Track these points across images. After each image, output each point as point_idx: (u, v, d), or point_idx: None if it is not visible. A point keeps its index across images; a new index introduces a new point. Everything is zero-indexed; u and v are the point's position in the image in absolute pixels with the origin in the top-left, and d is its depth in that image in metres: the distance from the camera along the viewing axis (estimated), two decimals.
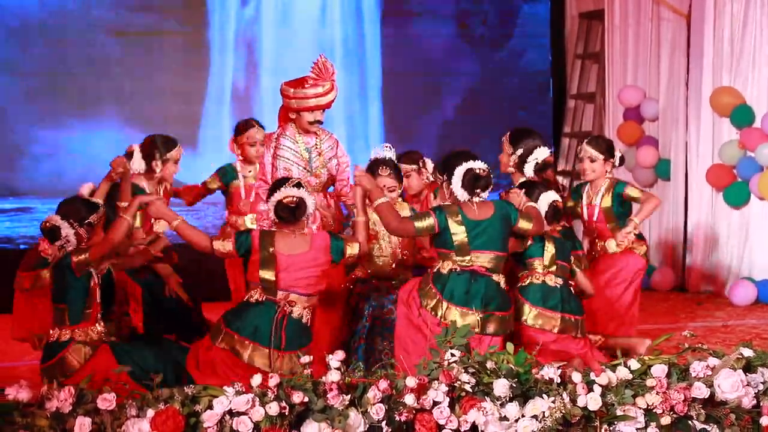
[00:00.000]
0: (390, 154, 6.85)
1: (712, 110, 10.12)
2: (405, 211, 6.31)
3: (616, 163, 7.42)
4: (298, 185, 5.87)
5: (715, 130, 10.22)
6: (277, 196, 5.76)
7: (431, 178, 7.64)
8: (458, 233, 5.84)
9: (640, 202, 7.35)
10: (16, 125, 10.73)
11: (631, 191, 7.31)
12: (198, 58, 11.36)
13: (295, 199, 5.73)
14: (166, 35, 11.22)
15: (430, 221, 5.87)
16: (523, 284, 6.41)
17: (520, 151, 6.96)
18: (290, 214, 5.73)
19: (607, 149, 7.40)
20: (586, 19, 12.26)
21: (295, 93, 7.10)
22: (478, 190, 5.80)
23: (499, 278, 5.90)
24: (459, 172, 5.90)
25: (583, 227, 7.89)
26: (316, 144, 7.16)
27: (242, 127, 7.95)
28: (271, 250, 5.69)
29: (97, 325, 5.86)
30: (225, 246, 5.74)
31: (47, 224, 5.99)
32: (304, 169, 7.02)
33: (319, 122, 7.16)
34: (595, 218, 7.49)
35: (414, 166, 7.67)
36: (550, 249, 6.39)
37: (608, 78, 11.67)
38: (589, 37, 12.30)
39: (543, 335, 6.16)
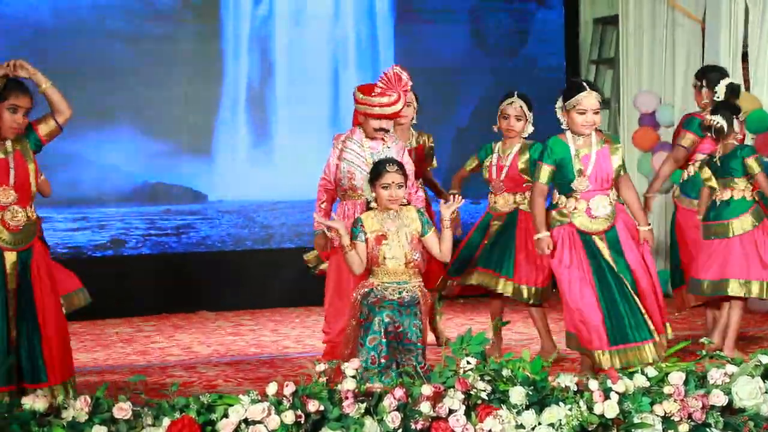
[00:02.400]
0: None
1: None
2: (412, 212, 6.21)
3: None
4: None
5: None
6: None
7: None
8: None
9: None
10: None
11: None
12: (212, 64, 11.33)
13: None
14: (179, 43, 11.17)
15: None
16: None
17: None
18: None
19: None
20: (600, 24, 12.28)
21: (363, 99, 7.21)
22: None
23: None
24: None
25: None
26: (381, 150, 7.21)
27: None
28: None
29: None
30: None
31: None
32: (368, 173, 6.93)
33: (385, 130, 7.27)
34: None
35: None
36: None
37: (623, 83, 11.65)
38: (604, 43, 12.33)
39: None
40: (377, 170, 6.15)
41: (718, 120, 7.54)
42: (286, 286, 10.98)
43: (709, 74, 8.11)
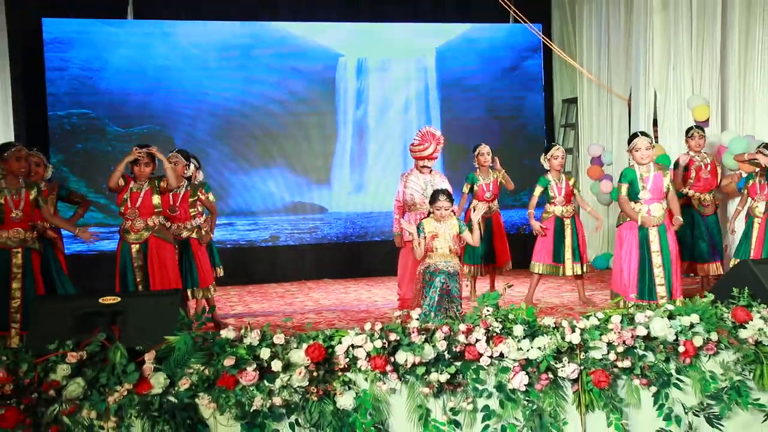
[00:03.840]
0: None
1: None
2: (453, 219, 5.97)
3: None
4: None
5: None
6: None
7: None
8: None
9: None
10: (225, 171, 10.74)
11: None
12: (331, 130, 11.20)
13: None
14: (311, 117, 11.08)
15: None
16: None
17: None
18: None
19: None
20: (566, 102, 12.07)
21: (413, 148, 7.30)
22: None
23: None
24: None
25: None
26: (430, 180, 7.25)
27: None
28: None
29: None
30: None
31: None
32: (422, 194, 7.16)
33: (428, 168, 7.29)
34: None
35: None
36: None
37: (581, 139, 11.58)
38: (569, 114, 12.06)
39: None
40: (434, 197, 6.01)
41: None
42: (375, 263, 10.80)
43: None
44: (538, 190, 7.99)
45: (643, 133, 6.77)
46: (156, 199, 6.45)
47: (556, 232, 7.92)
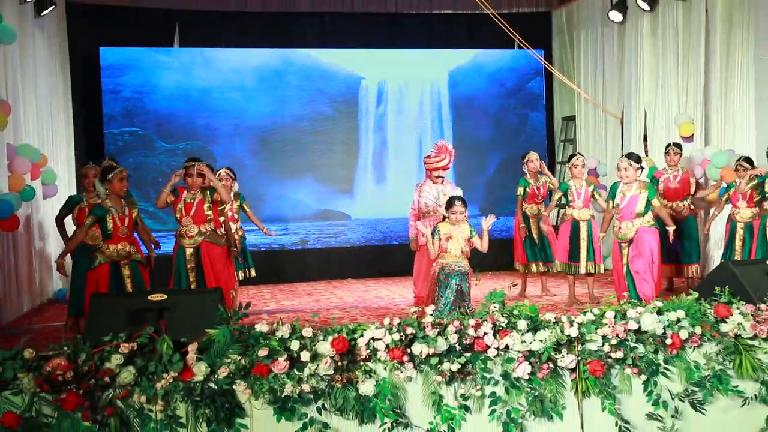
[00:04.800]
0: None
1: None
2: (465, 224, 5.95)
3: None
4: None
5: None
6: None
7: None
8: None
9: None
10: (259, 182, 10.67)
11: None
12: (353, 143, 11.20)
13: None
14: (335, 133, 11.11)
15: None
16: None
17: None
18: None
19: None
20: (565, 120, 12.01)
21: (427, 160, 7.28)
22: None
23: None
24: None
25: None
26: (442, 189, 7.19)
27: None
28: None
29: None
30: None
31: None
32: (435, 202, 7.13)
33: (441, 177, 7.24)
34: None
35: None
36: None
37: (578, 152, 11.18)
38: (568, 130, 12.03)
39: None
40: (450, 203, 6.00)
41: None
42: (393, 264, 10.64)
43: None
44: (558, 195, 8.03)
45: (630, 155, 6.80)
46: (207, 208, 6.41)
47: (572, 232, 7.80)
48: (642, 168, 6.83)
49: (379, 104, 11.34)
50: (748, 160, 7.81)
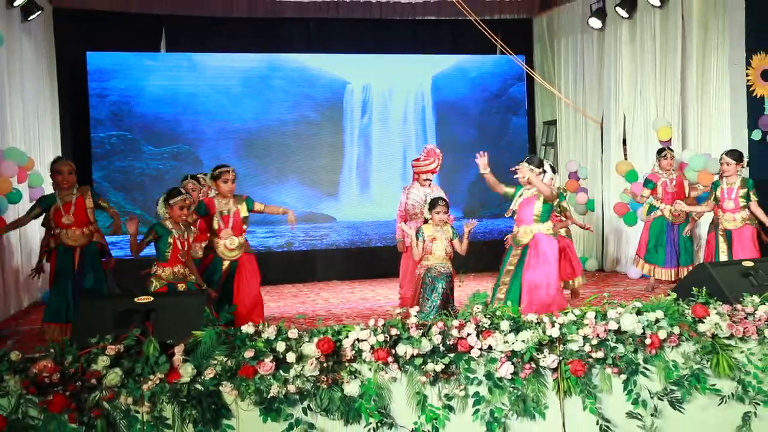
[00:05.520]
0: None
1: (615, 173, 9.95)
2: (447, 226, 6.01)
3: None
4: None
5: (618, 184, 9.99)
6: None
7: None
8: None
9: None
10: (245, 185, 10.14)
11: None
12: (338, 148, 11.18)
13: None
14: (321, 137, 11.08)
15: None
16: None
17: None
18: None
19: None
20: (547, 124, 12.03)
21: (416, 163, 7.31)
22: None
23: None
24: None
25: None
26: (428, 192, 7.21)
27: None
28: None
29: None
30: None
31: None
32: (422, 205, 6.92)
33: (429, 180, 7.28)
34: None
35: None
36: None
37: (560, 156, 11.53)
38: (549, 134, 12.03)
39: None
40: (433, 203, 6.06)
41: None
42: (378, 266, 10.66)
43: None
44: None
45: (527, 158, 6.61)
46: (244, 219, 6.17)
47: None
48: (544, 172, 6.36)
49: (364, 108, 11.35)
50: (733, 153, 7.48)
